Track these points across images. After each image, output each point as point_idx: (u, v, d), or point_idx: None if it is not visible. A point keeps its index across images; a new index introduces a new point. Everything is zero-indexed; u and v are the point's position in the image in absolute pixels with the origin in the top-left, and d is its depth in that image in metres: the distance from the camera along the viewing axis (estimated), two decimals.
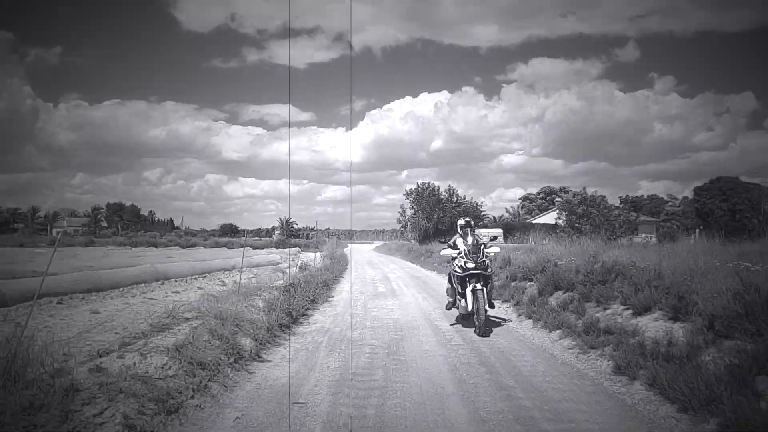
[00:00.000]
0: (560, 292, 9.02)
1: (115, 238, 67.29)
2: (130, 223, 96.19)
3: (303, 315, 8.96)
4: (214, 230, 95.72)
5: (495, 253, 9.39)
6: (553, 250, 12.52)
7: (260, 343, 6.32)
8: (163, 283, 13.12)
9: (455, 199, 43.63)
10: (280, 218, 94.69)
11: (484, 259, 8.43)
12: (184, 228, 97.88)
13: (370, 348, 6.86)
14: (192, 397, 4.26)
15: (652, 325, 6.12)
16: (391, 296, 12.58)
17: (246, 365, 5.57)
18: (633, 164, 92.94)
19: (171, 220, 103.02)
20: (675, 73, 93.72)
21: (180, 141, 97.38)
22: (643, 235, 43.64)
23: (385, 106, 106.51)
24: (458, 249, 8.64)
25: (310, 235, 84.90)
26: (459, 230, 8.87)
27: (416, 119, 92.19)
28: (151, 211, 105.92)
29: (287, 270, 14.87)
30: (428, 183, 42.94)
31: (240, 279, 9.60)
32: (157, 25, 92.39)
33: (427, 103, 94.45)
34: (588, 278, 8.39)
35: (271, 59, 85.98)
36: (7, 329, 5.30)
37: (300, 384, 5.19)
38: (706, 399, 4.02)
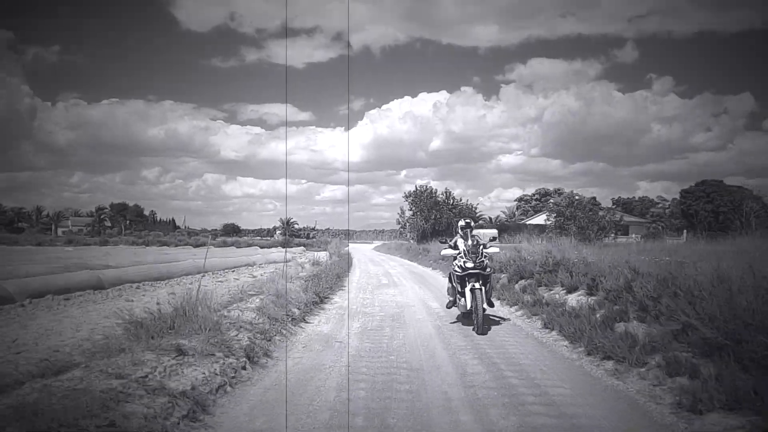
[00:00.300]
0: (523, 280, 11.78)
1: (127, 237, 68.24)
2: (133, 223, 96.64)
3: (326, 297, 11.68)
4: (215, 230, 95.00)
5: (494, 253, 9.69)
6: (529, 248, 15.25)
7: (303, 312, 9.06)
8: (204, 275, 15.84)
9: (451, 201, 46.43)
10: (281, 219, 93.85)
11: (482, 259, 8.68)
12: (185, 228, 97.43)
13: (380, 317, 9.61)
14: (275, 335, 7.00)
15: (575, 299, 8.90)
16: (392, 286, 15.31)
17: (298, 324, 8.32)
18: (631, 165, 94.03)
19: (173, 220, 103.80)
20: (673, 73, 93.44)
21: (178, 140, 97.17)
22: (634, 236, 46.40)
23: (384, 106, 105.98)
24: (459, 249, 8.90)
25: (311, 235, 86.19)
26: (459, 231, 9.11)
27: (415, 119, 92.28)
28: (152, 211, 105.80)
29: (304, 265, 17.57)
30: (426, 186, 45.76)
31: (285, 268, 12.29)
32: (156, 24, 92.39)
33: (426, 103, 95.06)
34: (542, 269, 11.15)
35: (270, 58, 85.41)
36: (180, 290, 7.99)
37: (336, 333, 7.93)
38: (584, 336, 6.76)
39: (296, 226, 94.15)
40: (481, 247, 8.78)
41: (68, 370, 4.24)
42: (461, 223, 9.26)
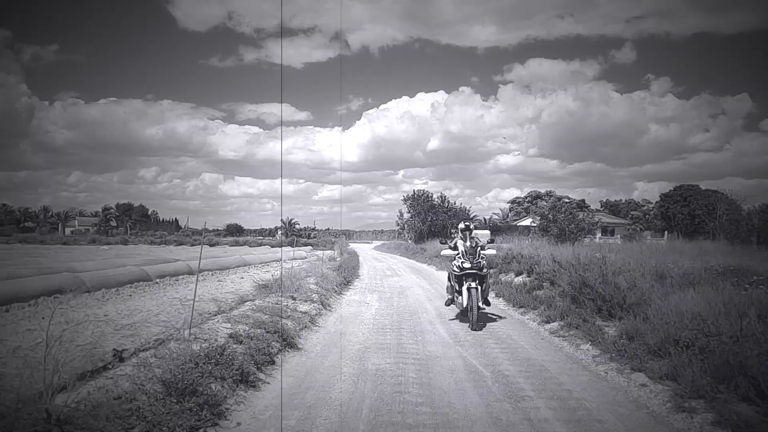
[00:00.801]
0: (492, 269, 16.36)
1: (144, 237, 69.63)
2: (138, 223, 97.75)
3: (350, 281, 16.22)
4: (217, 229, 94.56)
5: (491, 254, 10.13)
6: (511, 247, 19.81)
7: (340, 287, 13.62)
8: (248, 269, 20.36)
9: (447, 204, 51.01)
10: (282, 219, 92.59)
11: (479, 260, 9.17)
12: (187, 228, 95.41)
13: (389, 293, 14.21)
14: (330, 297, 11.55)
15: (519, 280, 13.46)
16: (396, 276, 19.89)
17: (339, 294, 12.87)
18: (629, 165, 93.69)
19: (176, 220, 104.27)
20: (671, 74, 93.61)
21: (176, 140, 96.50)
22: (618, 236, 50.71)
23: (382, 106, 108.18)
24: (458, 250, 9.40)
25: (312, 235, 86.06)
26: (460, 233, 9.54)
27: (413, 119, 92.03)
28: (153, 211, 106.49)
29: (324, 259, 22.12)
30: (423, 190, 50.35)
31: (322, 260, 16.79)
32: (154, 24, 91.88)
33: (424, 103, 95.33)
34: (503, 261, 15.74)
35: (268, 58, 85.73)
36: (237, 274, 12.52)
37: (363, 299, 12.49)
38: (514, 298, 11.29)
39: (297, 226, 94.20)
40: (479, 248, 9.30)
41: (250, 300, 8.76)
42: (461, 225, 9.65)
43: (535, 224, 45.49)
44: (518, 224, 56.93)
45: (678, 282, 8.64)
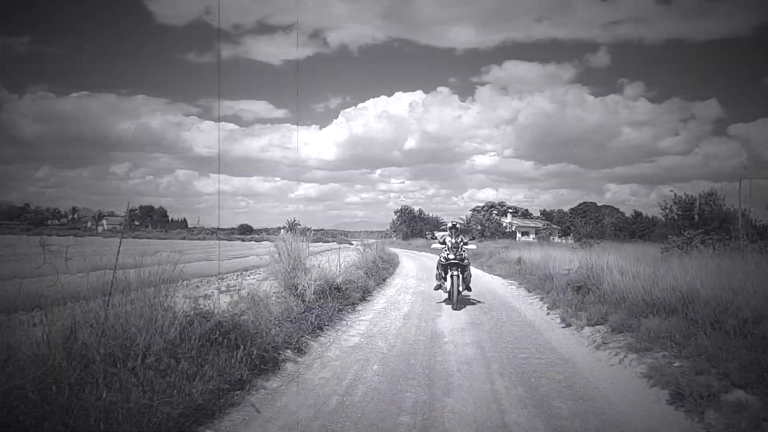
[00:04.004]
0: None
1: (173, 234, 79.11)
2: (158, 223, 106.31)
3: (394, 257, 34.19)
4: (220, 228, 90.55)
5: (472, 249, 11.95)
6: None
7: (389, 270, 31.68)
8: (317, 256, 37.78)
9: (422, 215, 70.19)
10: (287, 220, 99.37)
11: (462, 253, 10.76)
12: (200, 226, 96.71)
13: (414, 255, 32.19)
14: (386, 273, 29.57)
15: None
16: (409, 252, 37.82)
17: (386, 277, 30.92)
18: (601, 167, 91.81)
19: (185, 220, 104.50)
20: (644, 79, 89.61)
21: (150, 135, 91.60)
22: (532, 237, 65.76)
23: (360, 105, 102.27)
24: (446, 244, 11.03)
25: (310, 234, 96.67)
26: (448, 230, 11.39)
27: (390, 118, 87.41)
28: (165, 210, 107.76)
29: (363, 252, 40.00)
30: (407, 206, 69.35)
31: (364, 254, 34.50)
32: (129, 17, 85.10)
33: (401, 103, 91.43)
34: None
35: (246, 54, 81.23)
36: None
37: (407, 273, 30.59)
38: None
39: (299, 226, 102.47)
40: (462, 243, 10.96)
41: (356, 267, 26.52)
42: (449, 224, 11.71)
43: (479, 228, 64.67)
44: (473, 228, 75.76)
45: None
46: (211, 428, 4.44)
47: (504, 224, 63.66)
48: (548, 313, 10.54)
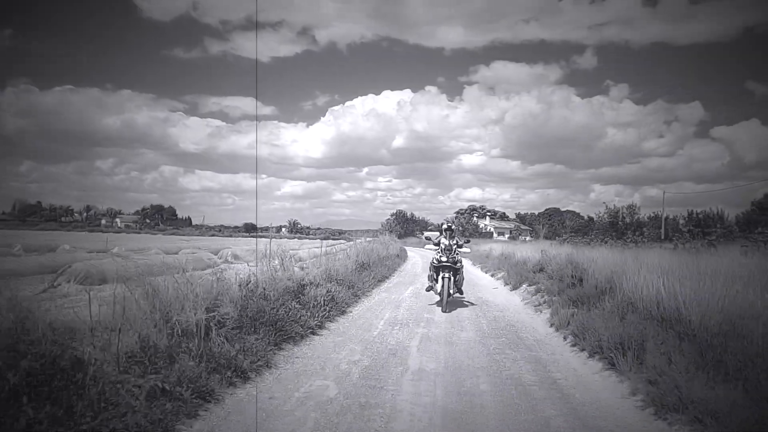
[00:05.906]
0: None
1: (183, 231, 79.60)
2: (168, 221, 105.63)
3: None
4: (222, 226, 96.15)
5: (466, 252, 11.43)
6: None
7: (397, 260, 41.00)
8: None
9: (414, 218, 79.92)
10: (289, 219, 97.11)
11: (454, 256, 10.37)
12: (204, 224, 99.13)
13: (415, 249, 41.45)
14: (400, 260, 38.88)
15: None
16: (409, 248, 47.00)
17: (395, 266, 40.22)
18: (587, 168, 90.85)
19: (189, 218, 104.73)
20: (630, 81, 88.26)
21: (135, 131, 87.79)
22: (506, 236, 73.21)
23: (348, 103, 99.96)
24: (440, 246, 10.58)
25: (309, 233, 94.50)
26: (443, 232, 10.89)
27: (378, 117, 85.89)
28: (171, 207, 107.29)
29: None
30: (401, 210, 78.57)
31: (383, 250, 43.67)
32: (115, 11, 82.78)
33: (389, 101, 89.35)
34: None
35: (234, 51, 78.90)
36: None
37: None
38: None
39: (299, 225, 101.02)
40: (455, 246, 10.57)
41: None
42: (444, 226, 11.24)
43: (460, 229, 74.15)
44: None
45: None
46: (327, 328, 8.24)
47: (481, 226, 73.30)
48: (495, 277, 19.80)
